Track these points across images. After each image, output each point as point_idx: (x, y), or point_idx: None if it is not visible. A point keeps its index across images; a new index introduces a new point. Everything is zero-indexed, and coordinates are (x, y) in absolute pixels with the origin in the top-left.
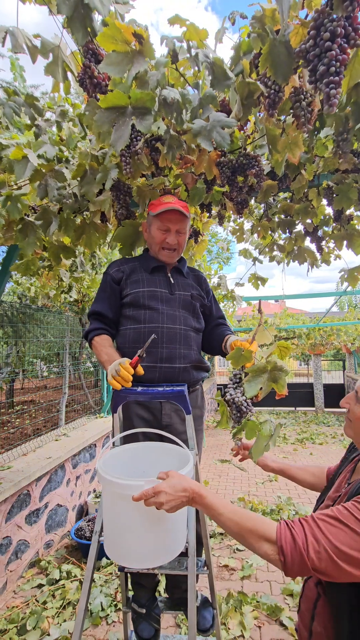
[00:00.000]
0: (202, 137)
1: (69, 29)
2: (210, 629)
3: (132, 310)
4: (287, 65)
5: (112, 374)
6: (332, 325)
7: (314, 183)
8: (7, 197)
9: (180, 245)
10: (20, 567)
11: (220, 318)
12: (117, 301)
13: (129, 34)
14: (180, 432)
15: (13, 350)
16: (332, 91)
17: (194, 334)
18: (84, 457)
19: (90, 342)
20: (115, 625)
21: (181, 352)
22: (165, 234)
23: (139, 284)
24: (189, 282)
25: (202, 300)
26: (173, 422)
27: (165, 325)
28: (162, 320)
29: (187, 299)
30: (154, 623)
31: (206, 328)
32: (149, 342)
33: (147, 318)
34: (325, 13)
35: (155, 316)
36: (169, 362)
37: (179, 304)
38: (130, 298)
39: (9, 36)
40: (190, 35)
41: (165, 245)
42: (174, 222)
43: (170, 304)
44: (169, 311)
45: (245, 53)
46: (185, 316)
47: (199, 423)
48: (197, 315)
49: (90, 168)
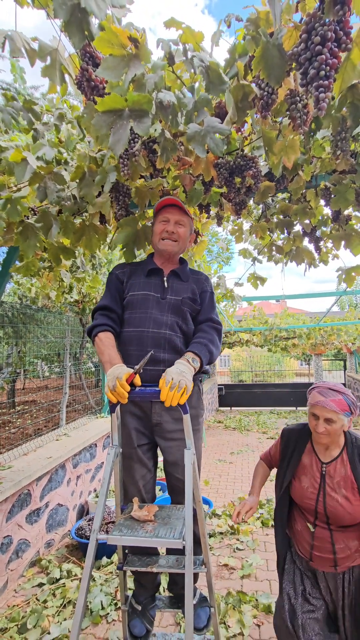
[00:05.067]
0: (195, 142)
1: (67, 33)
2: (204, 629)
3: (127, 314)
4: (280, 68)
5: (109, 386)
6: (332, 325)
7: (311, 184)
8: (7, 200)
9: (180, 236)
10: (21, 566)
11: (204, 322)
12: (121, 299)
13: (125, 37)
14: (170, 431)
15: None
16: (322, 95)
17: (181, 338)
18: (84, 456)
19: (93, 338)
20: (115, 624)
21: (165, 356)
22: (165, 224)
23: (135, 287)
24: (186, 286)
25: (192, 305)
26: (163, 420)
27: (150, 330)
28: (149, 325)
29: (177, 304)
30: (147, 623)
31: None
32: (147, 359)
33: (136, 322)
34: (316, 17)
35: (143, 320)
36: (153, 365)
37: (169, 309)
38: (126, 301)
39: (7, 41)
40: (187, 38)
41: (164, 236)
42: (172, 214)
43: (160, 308)
44: (157, 315)
45: (240, 55)
46: (173, 321)
47: (196, 423)
48: (187, 320)
49: (89, 170)
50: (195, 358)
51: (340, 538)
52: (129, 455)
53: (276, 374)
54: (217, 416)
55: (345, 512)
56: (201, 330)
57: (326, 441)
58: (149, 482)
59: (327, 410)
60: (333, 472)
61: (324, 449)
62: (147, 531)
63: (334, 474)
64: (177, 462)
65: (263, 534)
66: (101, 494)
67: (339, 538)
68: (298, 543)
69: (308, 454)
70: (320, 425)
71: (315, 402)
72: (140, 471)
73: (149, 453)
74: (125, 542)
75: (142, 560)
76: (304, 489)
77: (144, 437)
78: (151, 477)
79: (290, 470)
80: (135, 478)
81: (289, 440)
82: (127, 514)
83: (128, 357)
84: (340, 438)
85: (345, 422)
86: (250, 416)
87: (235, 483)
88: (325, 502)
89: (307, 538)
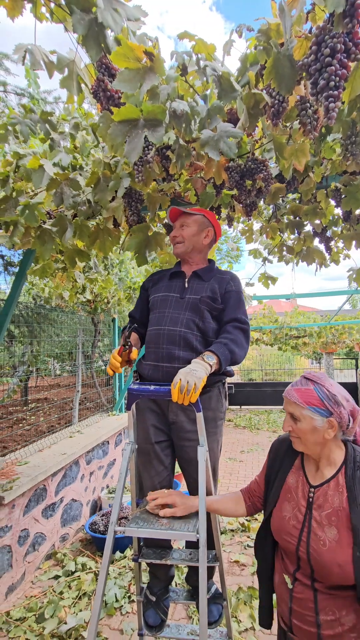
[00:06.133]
0: (209, 147)
1: (84, 46)
2: (214, 624)
3: (150, 315)
4: (291, 78)
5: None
6: (343, 323)
7: (322, 185)
8: (25, 206)
9: (185, 236)
10: (37, 558)
11: (229, 322)
12: (145, 306)
13: (141, 51)
14: (187, 431)
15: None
16: (331, 104)
17: (198, 336)
18: (97, 453)
19: None
20: (129, 616)
21: (179, 353)
22: (173, 231)
23: (158, 290)
24: (206, 285)
25: (212, 304)
26: (179, 419)
27: (166, 327)
28: (165, 323)
29: (195, 302)
30: (161, 613)
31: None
32: (128, 332)
33: (155, 321)
34: (326, 29)
35: (160, 319)
36: (169, 362)
37: (186, 308)
38: (150, 303)
39: (27, 54)
40: (199, 49)
41: (171, 241)
42: (175, 219)
43: (177, 307)
44: (174, 314)
45: (251, 64)
46: (190, 319)
47: (213, 425)
48: (205, 319)
49: (103, 176)
50: (211, 355)
51: (327, 604)
52: (146, 451)
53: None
54: (227, 415)
55: (334, 562)
56: (225, 330)
57: (300, 448)
58: (165, 478)
59: (289, 402)
60: (322, 501)
61: (315, 468)
62: (162, 524)
63: (323, 503)
64: (192, 461)
65: None
66: (118, 487)
67: (325, 604)
68: (278, 603)
69: (295, 472)
70: (286, 423)
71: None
72: (157, 467)
73: (167, 450)
74: (141, 534)
75: (156, 552)
76: (284, 520)
77: (162, 434)
78: (167, 474)
79: (275, 492)
80: (151, 474)
81: (277, 454)
82: (143, 507)
83: (148, 354)
84: (335, 453)
85: (317, 423)
86: (260, 415)
87: (246, 481)
88: (309, 544)
89: (285, 598)
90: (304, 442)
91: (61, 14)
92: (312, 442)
